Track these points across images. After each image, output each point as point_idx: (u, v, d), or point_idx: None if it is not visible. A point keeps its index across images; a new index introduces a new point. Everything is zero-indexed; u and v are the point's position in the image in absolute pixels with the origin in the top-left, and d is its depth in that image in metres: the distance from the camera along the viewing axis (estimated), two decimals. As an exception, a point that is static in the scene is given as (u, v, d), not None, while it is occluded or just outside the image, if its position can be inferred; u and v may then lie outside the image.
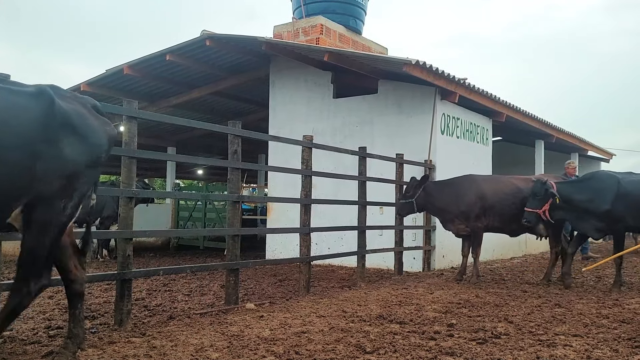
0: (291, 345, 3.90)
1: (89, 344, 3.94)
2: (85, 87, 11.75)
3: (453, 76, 9.21)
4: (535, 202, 6.90)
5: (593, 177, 7.16)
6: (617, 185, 6.72)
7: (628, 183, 6.80)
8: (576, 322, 4.82)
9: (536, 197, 6.88)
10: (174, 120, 5.60)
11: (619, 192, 6.68)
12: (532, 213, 6.93)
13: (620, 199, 6.67)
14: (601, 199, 6.72)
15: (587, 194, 6.85)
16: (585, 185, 6.99)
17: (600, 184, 6.87)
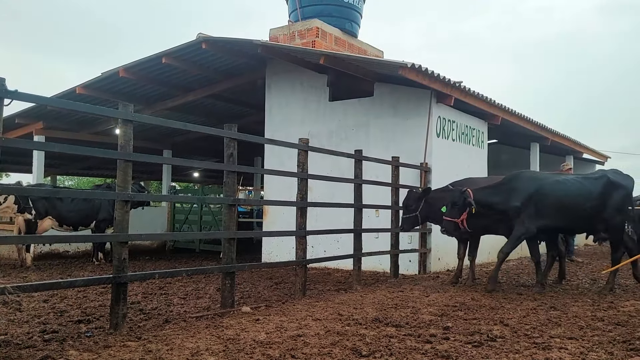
0: (287, 348, 3.90)
1: (85, 348, 3.93)
2: (80, 90, 11.71)
3: (448, 79, 9.24)
4: (454, 212, 6.86)
5: (514, 177, 7.10)
6: (535, 184, 6.82)
7: (548, 184, 6.88)
8: (571, 325, 4.83)
9: (455, 205, 6.85)
10: (169, 124, 5.59)
11: (535, 191, 6.77)
12: (450, 222, 6.92)
13: (533, 198, 6.75)
14: (514, 197, 6.80)
15: (504, 195, 6.90)
16: (505, 187, 6.98)
17: (517, 184, 6.91)
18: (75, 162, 19.15)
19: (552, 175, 7.30)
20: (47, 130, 13.36)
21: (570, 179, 7.13)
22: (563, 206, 6.84)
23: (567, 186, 6.93)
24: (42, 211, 10.15)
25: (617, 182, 7.02)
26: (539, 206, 6.79)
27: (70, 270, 9.62)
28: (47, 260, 11.42)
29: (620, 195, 6.98)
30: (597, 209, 6.91)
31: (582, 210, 6.90)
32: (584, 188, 6.94)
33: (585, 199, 6.87)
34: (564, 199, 6.87)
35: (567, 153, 16.93)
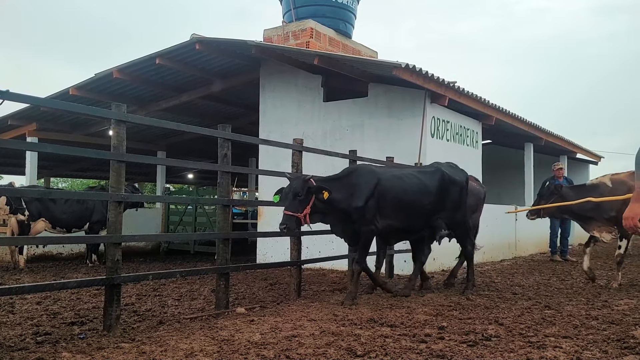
0: (282, 349, 3.89)
1: (78, 350, 3.91)
2: (74, 92, 11.66)
3: (443, 79, 9.26)
4: (296, 204, 5.53)
5: (354, 172, 6.21)
6: (375, 180, 6.04)
7: (387, 179, 6.18)
8: (566, 324, 4.84)
9: (297, 197, 5.53)
10: (163, 124, 5.57)
11: (376, 188, 6.01)
12: (292, 217, 5.49)
13: (375, 195, 6.00)
14: (357, 196, 5.89)
15: (345, 191, 5.90)
16: (345, 183, 5.98)
17: (359, 180, 6.03)
18: (68, 163, 19.06)
19: (389, 169, 6.71)
20: (41, 131, 13.30)
21: (407, 173, 6.53)
22: (403, 204, 6.24)
23: (405, 182, 6.33)
24: (36, 213, 10.09)
25: (452, 176, 6.74)
26: (381, 205, 6.05)
27: (63, 272, 9.57)
28: (41, 262, 11.36)
29: (457, 190, 6.73)
30: (436, 205, 6.53)
31: (420, 208, 6.41)
32: (422, 184, 6.46)
33: (424, 195, 6.40)
34: (403, 196, 6.25)
35: (561, 153, 17.00)
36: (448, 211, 6.68)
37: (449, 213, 6.70)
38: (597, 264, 10.72)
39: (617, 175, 7.49)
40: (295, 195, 5.57)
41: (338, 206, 5.87)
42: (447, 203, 6.64)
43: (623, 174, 7.48)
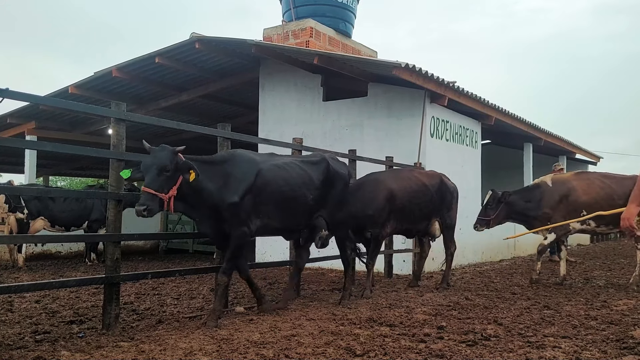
0: (281, 348, 3.89)
1: (77, 349, 3.90)
2: (73, 90, 11.66)
3: (442, 79, 9.26)
4: (161, 181, 4.40)
5: (231, 159, 5.08)
6: (255, 170, 5.05)
7: (268, 169, 5.20)
8: (565, 324, 4.84)
9: (164, 172, 4.41)
10: (162, 123, 5.57)
11: (256, 179, 5.00)
12: (155, 197, 4.35)
13: (254, 189, 4.98)
14: (232, 189, 4.85)
15: (218, 181, 4.84)
16: (220, 171, 4.91)
17: (235, 169, 4.98)
18: (67, 162, 19.04)
19: (269, 156, 5.54)
20: (40, 130, 13.29)
21: (289, 162, 5.55)
22: (285, 200, 5.30)
23: (288, 173, 5.38)
24: (35, 211, 10.08)
25: (337, 169, 6.01)
26: (259, 201, 5.05)
27: (62, 271, 9.56)
28: (39, 260, 11.35)
29: (341, 185, 5.99)
30: (318, 202, 5.67)
31: (304, 205, 5.51)
32: (306, 175, 5.57)
33: (309, 188, 5.53)
34: (286, 190, 5.31)
35: (561, 153, 17.02)
36: (330, 208, 5.88)
37: (331, 210, 5.90)
38: (596, 264, 10.74)
39: (558, 176, 7.77)
40: (161, 169, 4.39)
41: (207, 198, 4.77)
42: (330, 199, 5.85)
43: (565, 175, 7.83)
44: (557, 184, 7.58)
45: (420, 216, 7.05)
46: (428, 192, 7.05)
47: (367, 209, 6.36)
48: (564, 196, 7.40)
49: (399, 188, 6.72)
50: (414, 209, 6.88)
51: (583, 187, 7.43)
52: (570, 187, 7.48)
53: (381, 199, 6.47)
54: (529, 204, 7.60)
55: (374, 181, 6.67)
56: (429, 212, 7.14)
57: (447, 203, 7.35)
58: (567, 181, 7.57)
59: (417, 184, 7.00)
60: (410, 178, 7.06)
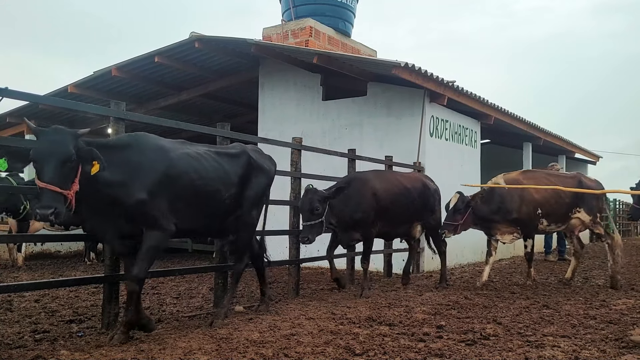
0: (280, 347, 3.89)
1: (76, 348, 3.90)
2: (72, 89, 11.66)
3: (442, 79, 9.26)
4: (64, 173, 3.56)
5: (134, 143, 4.20)
6: (166, 160, 4.24)
7: (179, 158, 4.34)
8: (564, 323, 4.85)
9: (67, 163, 3.57)
10: (162, 122, 5.56)
11: (168, 170, 4.20)
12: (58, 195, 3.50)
13: (165, 182, 4.16)
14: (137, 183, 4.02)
15: (123, 171, 3.99)
16: (122, 157, 4.04)
17: (140, 157, 4.13)
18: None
19: (180, 144, 4.60)
20: (39, 129, 13.27)
21: (203, 152, 4.65)
22: (198, 196, 4.44)
23: (202, 164, 4.52)
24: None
25: (260, 163, 5.17)
26: (171, 197, 4.22)
27: (62, 270, 9.56)
28: (39, 260, 11.34)
29: (263, 182, 5.16)
30: (235, 201, 4.81)
31: (218, 204, 4.64)
32: (222, 169, 4.70)
33: (225, 185, 4.67)
34: (199, 184, 4.44)
35: (560, 153, 17.01)
36: (244, 209, 4.93)
37: (246, 210, 4.95)
38: (595, 263, 10.75)
39: (509, 175, 7.53)
40: (63, 160, 3.53)
41: (107, 192, 3.90)
42: (249, 198, 4.94)
43: (514, 173, 7.59)
44: (510, 183, 7.32)
45: (401, 220, 7.00)
46: (410, 196, 6.96)
47: (357, 211, 6.38)
48: (521, 196, 7.20)
49: (383, 189, 6.66)
50: (395, 212, 6.79)
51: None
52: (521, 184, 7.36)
53: (369, 199, 6.46)
54: (491, 207, 7.18)
55: (360, 181, 6.58)
56: (410, 216, 7.07)
57: (430, 206, 7.27)
58: (519, 181, 7.35)
59: (399, 187, 6.90)
60: (392, 181, 6.96)
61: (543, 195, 7.23)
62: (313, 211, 5.94)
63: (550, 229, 7.55)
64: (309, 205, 5.97)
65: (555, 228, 7.65)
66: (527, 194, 7.19)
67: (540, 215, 7.25)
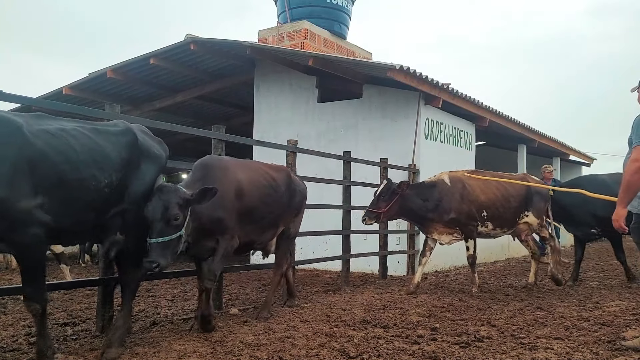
0: (275, 350, 3.89)
1: (70, 351, 3.89)
2: (67, 91, 11.63)
3: (437, 81, 9.30)
4: None
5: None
6: (19, 138, 3.23)
7: (38, 135, 3.36)
8: (557, 325, 4.87)
9: None
10: (157, 125, 5.55)
11: (24, 150, 3.22)
12: None
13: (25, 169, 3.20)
14: None
15: None
16: None
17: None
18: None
19: (36, 119, 3.54)
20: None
21: (72, 129, 3.64)
22: (64, 183, 3.41)
23: (69, 143, 3.50)
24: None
25: (149, 146, 4.19)
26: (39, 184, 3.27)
27: (56, 273, 9.53)
28: (33, 262, 11.29)
29: (153, 170, 4.12)
30: (117, 191, 3.78)
31: (94, 193, 3.61)
32: (99, 150, 3.69)
33: (102, 169, 3.67)
34: (65, 168, 3.43)
35: (554, 155, 17.09)
36: (133, 201, 3.91)
37: (134, 204, 3.90)
38: (589, 265, 10.79)
39: (454, 173, 7.19)
40: None
41: None
42: (136, 188, 3.94)
43: (460, 172, 7.23)
44: (455, 183, 6.97)
45: (269, 223, 5.13)
46: (279, 190, 5.17)
47: (216, 209, 4.37)
48: (464, 196, 6.85)
49: (248, 180, 4.80)
50: (263, 212, 4.95)
51: (481, 187, 7.04)
52: (467, 186, 6.99)
53: (232, 192, 4.55)
54: (426, 203, 6.83)
55: (219, 170, 4.62)
56: (276, 218, 5.20)
57: (295, 206, 5.54)
58: (463, 180, 7.03)
59: (266, 178, 5.08)
60: (257, 169, 5.11)
61: (491, 197, 6.98)
62: (170, 221, 3.86)
63: (495, 233, 7.22)
64: (165, 212, 3.85)
65: (501, 232, 7.32)
66: (470, 194, 6.88)
67: (486, 218, 6.96)
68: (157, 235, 3.84)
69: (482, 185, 7.05)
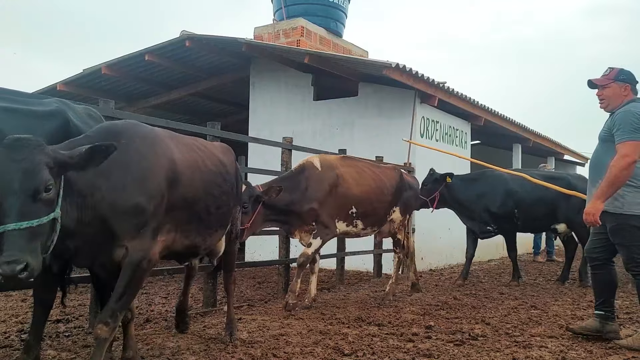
0: (269, 347, 3.88)
1: (63, 348, 3.87)
2: (61, 87, 11.56)
3: (432, 80, 9.30)
4: None
5: None
6: None
7: None
8: (552, 324, 4.88)
9: None
10: (151, 121, 5.51)
11: None
12: None
13: None
14: None
15: None
16: None
17: None
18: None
19: None
20: (27, 127, 13.15)
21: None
22: None
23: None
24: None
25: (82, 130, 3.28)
26: None
27: (49, 269, 9.49)
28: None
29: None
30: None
31: None
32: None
33: None
34: None
35: (549, 154, 17.15)
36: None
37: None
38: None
39: (327, 157, 5.93)
40: None
41: None
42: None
43: (332, 158, 5.93)
44: (326, 169, 5.61)
45: (216, 220, 3.65)
46: (229, 178, 3.82)
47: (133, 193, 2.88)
48: (333, 186, 5.56)
49: (184, 160, 3.30)
50: (209, 205, 3.51)
51: (354, 177, 5.79)
52: (339, 175, 5.66)
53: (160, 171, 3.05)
54: (293, 196, 5.39)
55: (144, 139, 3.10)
56: (225, 214, 3.81)
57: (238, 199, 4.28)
58: (336, 167, 5.70)
59: (212, 160, 3.66)
60: (194, 148, 3.57)
61: (366, 190, 5.82)
62: (37, 193, 2.41)
63: (365, 233, 6.10)
64: (28, 180, 2.40)
65: (370, 232, 6.19)
66: (343, 185, 5.65)
67: (355, 216, 5.75)
68: (16, 217, 2.34)
69: (357, 175, 5.84)
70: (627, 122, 3.92)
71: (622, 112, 4.02)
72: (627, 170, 3.87)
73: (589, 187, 4.28)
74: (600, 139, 4.22)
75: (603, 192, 3.91)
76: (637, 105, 4.05)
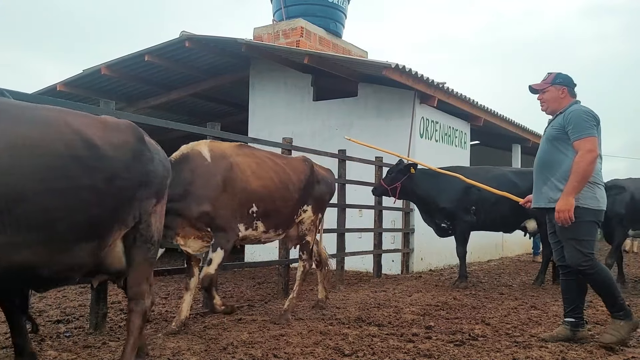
0: (269, 348, 3.88)
1: (64, 348, 3.87)
2: (61, 87, 11.57)
3: (432, 80, 9.31)
4: None
5: None
6: None
7: None
8: (552, 324, 4.88)
9: None
10: (151, 122, 5.53)
11: None
12: None
13: None
14: None
15: None
16: None
17: None
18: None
19: None
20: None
21: None
22: None
23: None
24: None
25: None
26: None
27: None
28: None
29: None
30: None
31: None
32: None
33: None
34: None
35: (548, 155, 17.14)
36: None
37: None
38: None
39: (218, 144, 4.67)
40: None
41: None
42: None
43: (224, 145, 4.70)
44: (217, 159, 4.45)
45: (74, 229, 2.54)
46: (108, 163, 2.74)
47: None
48: (228, 179, 4.42)
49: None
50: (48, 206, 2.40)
51: (253, 168, 4.66)
52: (235, 164, 4.53)
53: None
54: (172, 194, 3.88)
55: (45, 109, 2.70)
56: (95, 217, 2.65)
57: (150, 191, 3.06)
58: (230, 155, 4.55)
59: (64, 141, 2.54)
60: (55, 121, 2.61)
61: (267, 184, 4.72)
62: None
63: (267, 237, 4.96)
64: None
65: (275, 236, 5.09)
66: (241, 178, 4.51)
67: (255, 216, 4.62)
68: None
69: (256, 166, 4.71)
70: (581, 120, 4.06)
71: (573, 111, 4.15)
72: (593, 164, 3.96)
73: (538, 186, 4.32)
74: (551, 138, 4.29)
75: (574, 187, 3.94)
76: (582, 106, 4.24)
